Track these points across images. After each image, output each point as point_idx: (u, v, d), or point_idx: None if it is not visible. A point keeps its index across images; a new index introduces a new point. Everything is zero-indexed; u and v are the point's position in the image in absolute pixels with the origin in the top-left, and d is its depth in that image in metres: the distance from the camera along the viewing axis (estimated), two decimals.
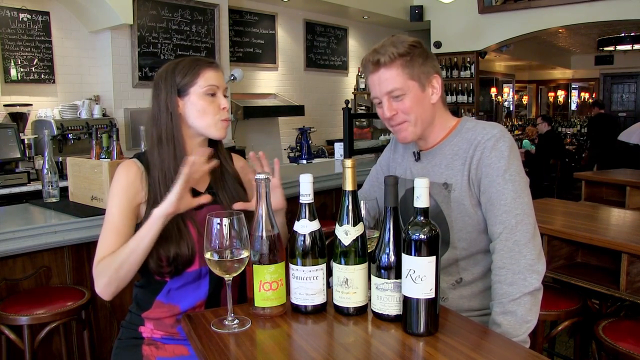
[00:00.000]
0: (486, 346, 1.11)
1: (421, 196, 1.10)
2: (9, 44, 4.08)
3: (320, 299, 1.23)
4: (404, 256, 1.10)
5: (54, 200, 2.45)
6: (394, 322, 1.16)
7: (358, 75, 7.29)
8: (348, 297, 1.20)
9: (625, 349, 1.69)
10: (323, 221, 1.31)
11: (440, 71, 1.45)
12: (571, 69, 13.07)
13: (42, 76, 4.29)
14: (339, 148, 4.20)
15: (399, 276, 1.13)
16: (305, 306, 1.22)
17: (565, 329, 2.09)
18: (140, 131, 2.69)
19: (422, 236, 1.08)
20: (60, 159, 3.56)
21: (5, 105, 4.01)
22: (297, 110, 6.09)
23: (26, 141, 3.86)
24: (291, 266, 1.22)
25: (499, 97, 11.87)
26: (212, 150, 1.42)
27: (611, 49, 9.99)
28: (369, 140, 5.72)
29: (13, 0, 4.10)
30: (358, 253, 1.19)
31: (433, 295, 1.10)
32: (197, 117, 1.42)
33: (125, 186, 1.38)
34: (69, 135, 3.97)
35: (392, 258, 1.15)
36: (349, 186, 1.20)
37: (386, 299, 1.16)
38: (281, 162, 5.77)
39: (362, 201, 1.31)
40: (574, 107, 13.90)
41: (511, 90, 12.86)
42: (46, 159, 2.44)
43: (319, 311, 1.23)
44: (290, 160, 5.57)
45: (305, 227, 1.21)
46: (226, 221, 1.14)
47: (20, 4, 4.14)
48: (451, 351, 1.05)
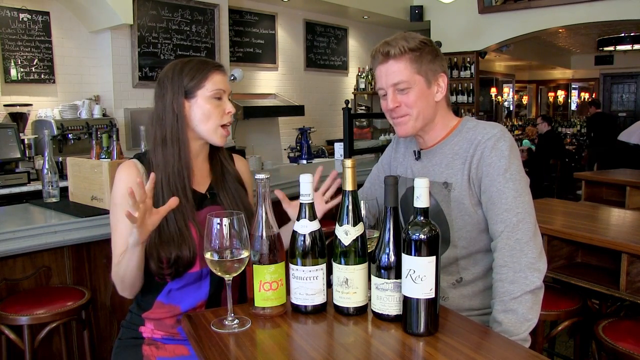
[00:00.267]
0: (486, 346, 1.11)
1: (421, 196, 1.10)
2: (9, 44, 4.08)
3: (320, 299, 1.23)
4: (404, 256, 1.10)
5: (54, 200, 2.45)
6: (394, 322, 1.16)
7: (358, 75, 7.29)
8: (348, 297, 1.20)
9: (625, 349, 1.69)
10: (323, 221, 1.31)
11: (447, 71, 1.46)
12: (571, 69, 13.06)
13: (42, 76, 4.28)
14: (339, 148, 4.20)
15: (399, 276, 1.14)
16: (305, 306, 1.22)
17: (565, 329, 2.10)
18: (140, 131, 2.69)
19: (422, 236, 1.08)
20: (60, 159, 3.56)
21: (5, 105, 4.01)
22: (297, 110, 6.09)
23: (26, 141, 3.86)
24: (291, 266, 1.22)
25: (499, 97, 11.86)
26: (154, 176, 1.24)
27: (611, 49, 9.98)
28: (369, 140, 5.73)
29: (13, 0, 4.10)
30: (358, 253, 1.20)
31: (433, 295, 1.10)
32: (202, 121, 1.42)
33: (124, 191, 1.38)
34: (69, 135, 3.97)
35: (392, 258, 1.15)
36: (349, 186, 1.20)
37: (386, 299, 1.16)
38: (281, 162, 5.79)
39: (363, 201, 1.31)
40: (574, 107, 13.89)
41: (511, 90, 12.86)
42: (46, 159, 2.44)
43: (319, 311, 1.23)
44: (290, 160, 5.57)
45: (305, 227, 1.21)
46: (226, 221, 1.14)
47: (20, 4, 4.14)
48: (451, 351, 1.05)
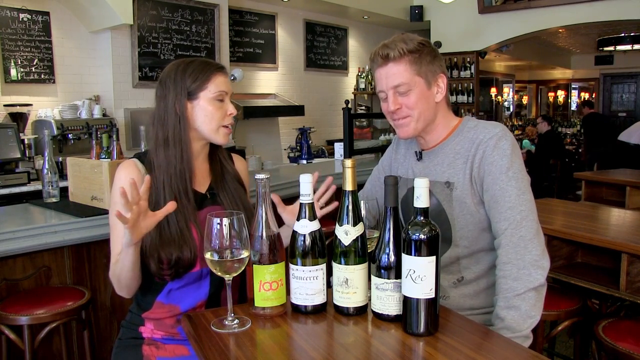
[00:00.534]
0: (487, 346, 1.11)
1: (421, 196, 1.10)
2: (9, 44, 4.08)
3: (320, 299, 1.23)
4: (404, 256, 1.10)
5: (54, 200, 2.45)
6: (394, 322, 1.16)
7: (358, 75, 7.29)
8: (348, 297, 1.20)
9: (625, 349, 1.69)
10: (323, 221, 1.31)
11: (446, 72, 1.46)
12: (571, 69, 13.05)
13: (42, 76, 4.28)
14: (339, 148, 4.20)
15: (399, 276, 1.14)
16: (305, 306, 1.22)
17: (565, 329, 2.09)
18: (140, 131, 2.69)
19: (422, 236, 1.08)
20: (60, 159, 3.57)
21: (5, 105, 4.01)
22: (297, 110, 6.09)
23: (26, 141, 3.86)
24: (291, 266, 1.22)
25: (499, 97, 11.85)
26: (149, 179, 1.22)
27: (611, 49, 9.97)
28: (369, 140, 5.73)
29: (13, 0, 4.10)
30: (358, 253, 1.20)
31: (433, 295, 1.10)
32: (204, 122, 1.42)
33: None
34: (69, 135, 3.97)
35: (392, 258, 1.15)
36: (349, 186, 1.20)
37: (386, 299, 1.16)
38: (281, 162, 5.79)
39: (362, 201, 1.31)
40: (574, 107, 13.89)
41: (511, 90, 12.85)
42: (46, 159, 2.44)
43: (319, 311, 1.23)
44: (290, 160, 5.57)
45: (305, 227, 1.21)
46: (226, 221, 1.14)
47: (20, 4, 4.14)
48: (451, 351, 1.05)
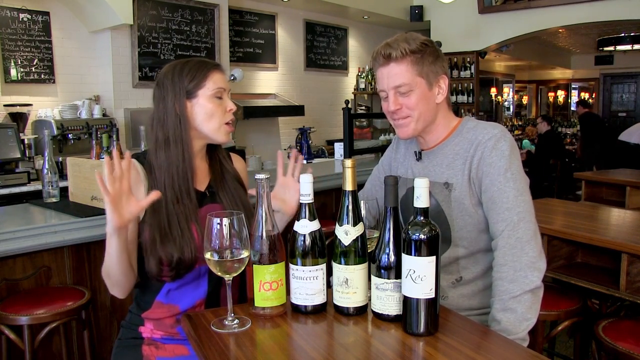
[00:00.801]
0: (486, 346, 1.11)
1: (421, 196, 1.10)
2: (9, 44, 4.08)
3: (320, 299, 1.23)
4: (404, 256, 1.10)
5: (54, 200, 2.45)
6: (394, 322, 1.16)
7: (358, 75, 7.29)
8: (348, 297, 1.20)
9: (625, 349, 1.69)
10: (323, 221, 1.31)
11: (448, 73, 1.46)
12: (571, 69, 13.05)
13: (42, 76, 4.28)
14: (339, 148, 4.20)
15: (399, 276, 1.14)
16: (305, 306, 1.22)
17: (565, 329, 2.10)
18: (140, 131, 2.69)
19: (422, 236, 1.08)
20: (60, 159, 3.56)
21: (5, 105, 4.01)
22: (297, 110, 6.09)
23: (26, 141, 3.86)
24: (291, 266, 1.22)
25: (499, 97, 11.85)
26: (129, 155, 1.23)
27: (611, 49, 9.96)
28: (369, 140, 5.72)
29: (13, 0, 4.10)
30: (358, 253, 1.20)
31: (433, 295, 1.10)
32: (205, 120, 1.42)
33: None
34: (69, 135, 3.97)
35: (392, 258, 1.15)
36: (349, 186, 1.20)
37: (386, 299, 1.16)
38: None
39: (362, 201, 1.31)
40: (574, 107, 13.87)
41: (511, 90, 12.84)
42: (46, 159, 2.44)
43: (319, 311, 1.23)
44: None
45: (305, 227, 1.21)
46: (226, 221, 1.14)
47: (20, 4, 4.14)
48: (451, 351, 1.05)
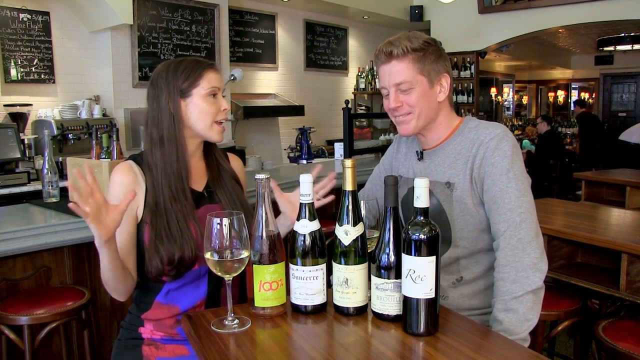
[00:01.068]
0: (486, 346, 1.11)
1: (421, 196, 1.10)
2: (9, 44, 4.08)
3: (320, 299, 1.23)
4: (404, 256, 1.10)
5: (54, 200, 2.45)
6: (394, 322, 1.16)
7: (358, 75, 7.29)
8: (348, 297, 1.20)
9: (625, 349, 1.69)
10: (323, 221, 1.31)
11: (450, 71, 1.45)
12: (571, 69, 13.05)
13: (42, 76, 4.28)
14: (339, 148, 4.20)
15: (399, 276, 1.13)
16: (305, 306, 1.22)
17: (565, 329, 2.09)
18: (140, 131, 2.69)
19: (422, 236, 1.08)
20: (60, 159, 3.56)
21: (5, 105, 4.01)
22: (297, 110, 6.09)
23: (26, 141, 3.86)
24: (291, 266, 1.22)
25: (499, 97, 11.85)
26: (91, 170, 1.20)
27: (611, 49, 9.96)
28: (369, 140, 5.72)
29: (13, 0, 4.10)
30: (358, 253, 1.20)
31: (433, 295, 1.10)
32: (198, 119, 1.42)
33: (120, 193, 1.37)
34: (69, 135, 3.97)
35: (392, 258, 1.15)
36: (349, 186, 1.20)
37: (386, 299, 1.16)
38: (281, 162, 5.79)
39: (363, 201, 1.31)
40: (573, 107, 13.88)
41: (511, 90, 12.84)
42: (46, 159, 2.44)
43: (319, 311, 1.23)
44: (290, 160, 5.57)
45: (305, 227, 1.21)
46: (226, 221, 1.14)
47: (20, 4, 4.14)
48: (451, 351, 1.05)
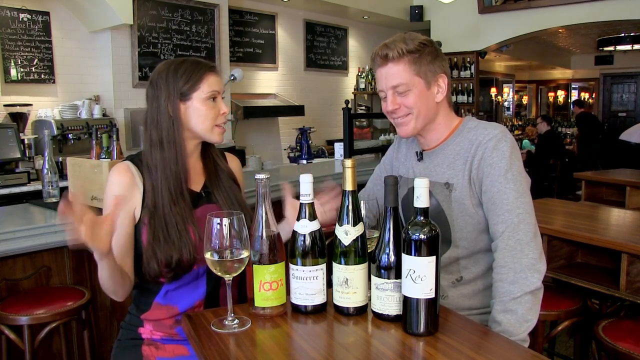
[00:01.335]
0: (486, 346, 1.11)
1: (421, 196, 1.10)
2: (9, 44, 4.08)
3: (320, 299, 1.23)
4: (404, 256, 1.10)
5: (54, 200, 2.45)
6: (394, 322, 1.16)
7: (358, 75, 7.29)
8: (348, 297, 1.20)
9: (625, 349, 1.69)
10: (322, 221, 1.31)
11: (448, 71, 1.45)
12: (571, 69, 13.04)
13: (42, 76, 4.28)
14: (339, 148, 4.20)
15: (399, 276, 1.13)
16: (305, 306, 1.22)
17: (565, 329, 2.09)
18: (140, 131, 2.69)
19: (422, 236, 1.08)
20: (60, 159, 3.56)
21: (5, 105, 4.01)
22: (297, 110, 6.09)
23: (26, 141, 3.86)
24: (291, 266, 1.22)
25: (499, 97, 11.85)
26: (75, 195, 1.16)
27: (611, 49, 9.96)
28: (369, 140, 5.73)
29: (13, 0, 4.10)
30: (358, 253, 1.20)
31: (433, 295, 1.10)
32: (198, 122, 1.42)
33: (117, 194, 1.37)
34: (69, 135, 3.97)
35: (392, 258, 1.15)
36: (349, 186, 1.20)
37: (386, 299, 1.16)
38: (281, 162, 5.79)
39: (362, 201, 1.31)
40: (573, 107, 13.88)
41: (511, 90, 12.84)
42: (46, 159, 2.44)
43: (319, 311, 1.23)
44: (290, 160, 5.57)
45: (305, 227, 1.21)
46: (226, 221, 1.14)
47: (20, 4, 4.14)
48: (451, 351, 1.05)
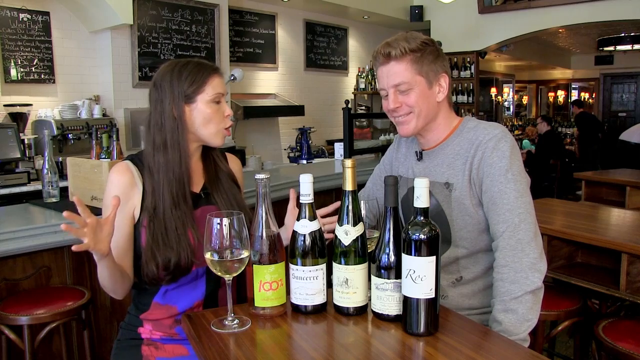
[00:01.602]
0: (486, 346, 1.11)
1: (421, 196, 1.10)
2: (9, 44, 4.08)
3: (320, 299, 1.23)
4: (404, 256, 1.10)
5: (54, 200, 2.45)
6: (394, 322, 1.16)
7: (358, 75, 7.29)
8: (348, 297, 1.20)
9: (625, 349, 1.69)
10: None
11: (449, 71, 1.45)
12: (571, 69, 13.05)
13: (42, 76, 4.28)
14: (339, 148, 4.20)
15: (399, 276, 1.13)
16: (305, 306, 1.22)
17: (565, 329, 2.10)
18: (140, 131, 2.69)
19: (422, 236, 1.08)
20: (60, 159, 3.56)
21: (5, 105, 4.01)
22: (297, 110, 6.09)
23: (26, 141, 3.86)
24: (291, 266, 1.22)
25: (499, 97, 11.86)
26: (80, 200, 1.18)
27: (611, 49, 9.97)
28: (369, 140, 5.72)
29: (13, 0, 4.10)
30: (358, 253, 1.20)
31: (433, 295, 1.10)
32: (202, 125, 1.41)
33: (116, 194, 1.35)
34: (69, 135, 3.97)
35: (392, 258, 1.15)
36: (349, 186, 1.20)
37: (386, 299, 1.16)
38: (281, 162, 5.79)
39: (362, 201, 1.31)
40: (572, 107, 13.88)
41: (511, 90, 12.85)
42: (46, 159, 2.44)
43: (319, 311, 1.23)
44: (290, 160, 5.57)
45: (305, 227, 1.21)
46: (226, 221, 1.14)
47: (20, 4, 4.14)
48: (451, 351, 1.05)
